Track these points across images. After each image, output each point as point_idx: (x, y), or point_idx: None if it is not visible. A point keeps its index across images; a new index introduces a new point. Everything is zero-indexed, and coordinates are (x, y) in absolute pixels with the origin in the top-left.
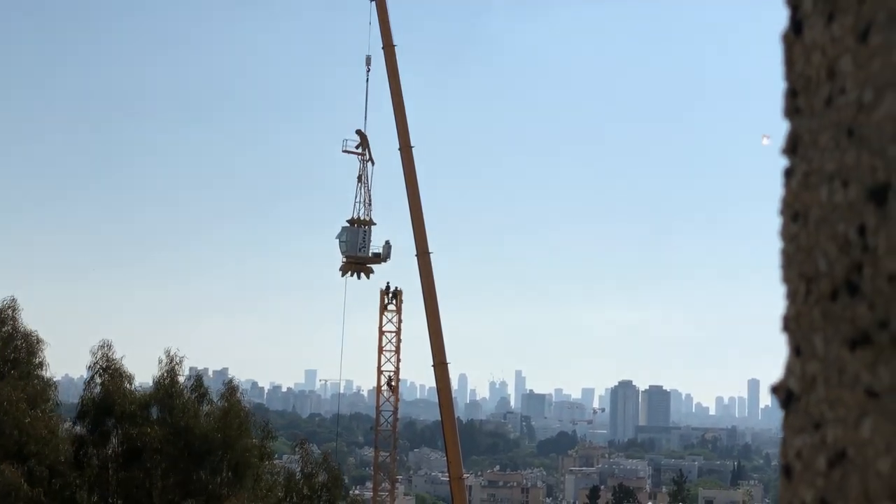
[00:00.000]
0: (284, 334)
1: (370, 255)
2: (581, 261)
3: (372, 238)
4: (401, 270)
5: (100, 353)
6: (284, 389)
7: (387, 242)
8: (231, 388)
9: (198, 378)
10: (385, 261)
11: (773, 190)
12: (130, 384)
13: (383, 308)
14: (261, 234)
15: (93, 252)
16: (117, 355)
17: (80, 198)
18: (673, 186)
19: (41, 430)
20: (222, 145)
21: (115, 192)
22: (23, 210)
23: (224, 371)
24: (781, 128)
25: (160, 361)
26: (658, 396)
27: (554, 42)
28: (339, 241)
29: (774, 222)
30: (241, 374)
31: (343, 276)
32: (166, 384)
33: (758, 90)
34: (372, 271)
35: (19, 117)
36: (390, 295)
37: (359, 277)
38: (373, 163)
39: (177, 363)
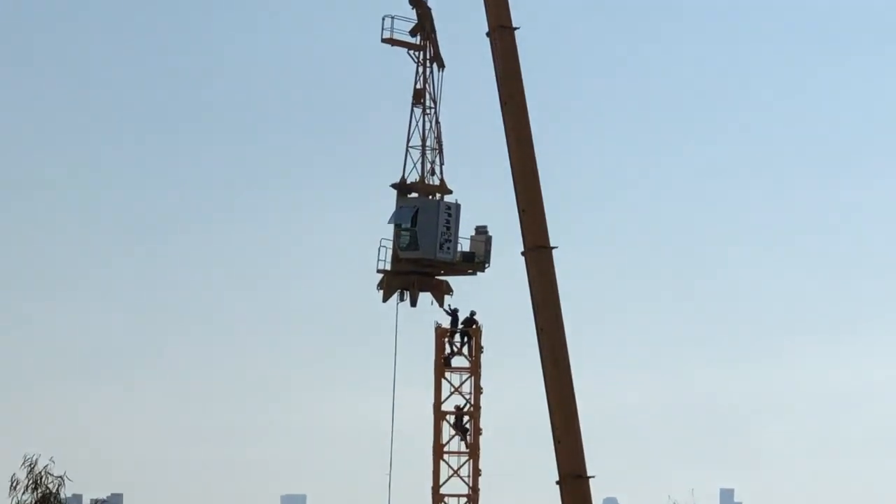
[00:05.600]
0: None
1: (458, 256)
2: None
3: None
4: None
5: None
6: None
7: (478, 229)
8: None
9: None
10: (484, 267)
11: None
12: None
13: (442, 365)
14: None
15: None
16: None
17: None
18: None
19: None
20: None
21: None
22: None
23: (118, 497)
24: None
25: (11, 481)
26: None
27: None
28: (400, 229)
29: None
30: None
31: (386, 299)
32: None
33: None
34: (449, 290)
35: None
36: (459, 336)
37: (413, 304)
38: (442, 67)
39: (47, 483)
